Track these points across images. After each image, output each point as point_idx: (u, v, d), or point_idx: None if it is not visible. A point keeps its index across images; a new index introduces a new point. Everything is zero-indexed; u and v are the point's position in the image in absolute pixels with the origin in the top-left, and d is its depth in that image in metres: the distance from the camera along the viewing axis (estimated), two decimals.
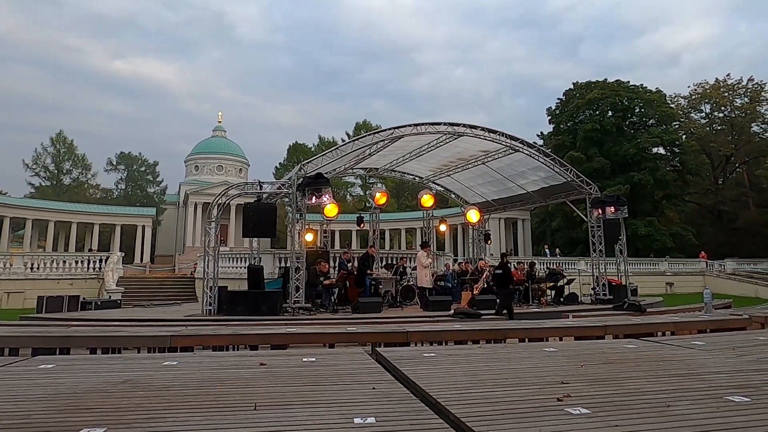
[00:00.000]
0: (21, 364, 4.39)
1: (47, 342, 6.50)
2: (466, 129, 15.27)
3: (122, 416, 2.73)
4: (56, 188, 58.03)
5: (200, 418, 2.70)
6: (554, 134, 50.61)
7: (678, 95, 54.64)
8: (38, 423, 2.62)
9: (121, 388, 3.42)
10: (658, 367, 4.20)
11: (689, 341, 5.81)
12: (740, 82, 51.33)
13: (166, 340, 6.51)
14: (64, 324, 10.39)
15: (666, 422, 2.58)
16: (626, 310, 13.68)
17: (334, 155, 14.68)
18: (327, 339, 6.93)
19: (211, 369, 4.17)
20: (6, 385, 3.53)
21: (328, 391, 3.34)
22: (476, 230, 22.22)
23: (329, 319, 11.62)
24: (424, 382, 3.54)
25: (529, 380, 3.67)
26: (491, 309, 12.60)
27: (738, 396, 3.07)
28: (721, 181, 53.51)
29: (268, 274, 16.82)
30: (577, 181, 16.87)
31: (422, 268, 14.81)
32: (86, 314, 14.01)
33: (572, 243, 42.55)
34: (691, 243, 43.24)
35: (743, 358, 4.64)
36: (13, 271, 24.24)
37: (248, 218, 12.88)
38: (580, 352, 5.05)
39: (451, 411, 2.80)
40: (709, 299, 11.30)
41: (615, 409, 2.82)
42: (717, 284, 32.12)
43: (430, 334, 7.14)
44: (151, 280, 30.21)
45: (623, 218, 16.09)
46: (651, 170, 43.48)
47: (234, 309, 12.32)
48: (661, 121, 47.30)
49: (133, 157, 67.94)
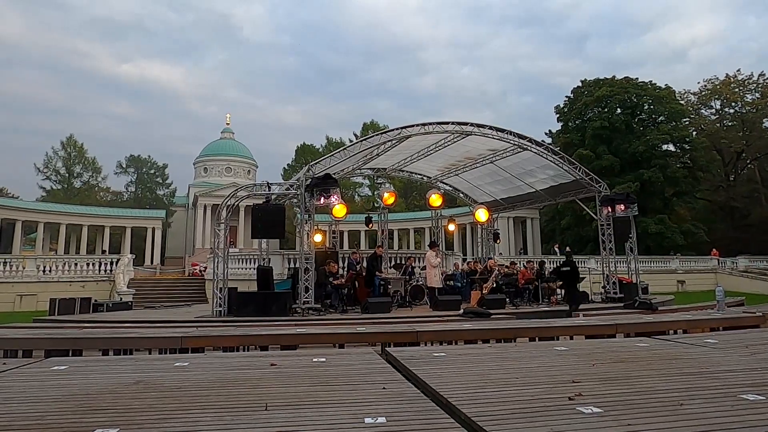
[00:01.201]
0: (34, 365, 4.44)
1: (60, 344, 6.56)
2: (474, 128, 15.22)
3: (135, 417, 2.75)
4: (67, 191, 58.49)
5: (212, 418, 2.71)
6: (563, 132, 50.29)
7: (688, 91, 54.12)
8: (52, 423, 2.65)
9: (133, 388, 3.45)
10: (671, 365, 4.16)
11: (702, 339, 5.76)
12: (751, 77, 50.73)
13: (177, 341, 6.55)
14: (77, 326, 10.49)
15: (679, 421, 2.55)
16: (637, 308, 13.56)
17: (342, 156, 14.69)
18: (337, 339, 6.93)
19: (221, 369, 4.18)
20: (20, 386, 3.57)
21: (338, 391, 3.34)
22: (485, 229, 22.15)
23: (339, 320, 11.63)
24: (435, 382, 3.53)
25: (540, 379, 3.65)
26: (501, 308, 12.56)
27: (753, 394, 3.03)
28: (733, 177, 52.87)
29: (278, 275, 16.87)
30: (586, 179, 16.76)
31: (431, 267, 14.79)
32: (98, 316, 14.14)
33: (582, 241, 42.25)
34: (702, 240, 42.79)
35: (757, 355, 4.59)
36: (25, 274, 24.54)
37: (257, 219, 12.91)
38: (591, 351, 5.01)
39: (462, 410, 2.79)
40: (721, 297, 11.15)
41: (627, 408, 2.80)
42: (729, 282, 31.81)
43: (440, 334, 7.12)
44: (161, 282, 30.38)
45: (633, 216, 15.94)
46: (661, 167, 43.08)
47: (244, 310, 12.37)
48: (671, 118, 46.83)
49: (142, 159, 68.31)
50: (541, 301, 15.65)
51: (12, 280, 24.00)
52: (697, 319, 8.70)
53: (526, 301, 15.52)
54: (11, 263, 25.01)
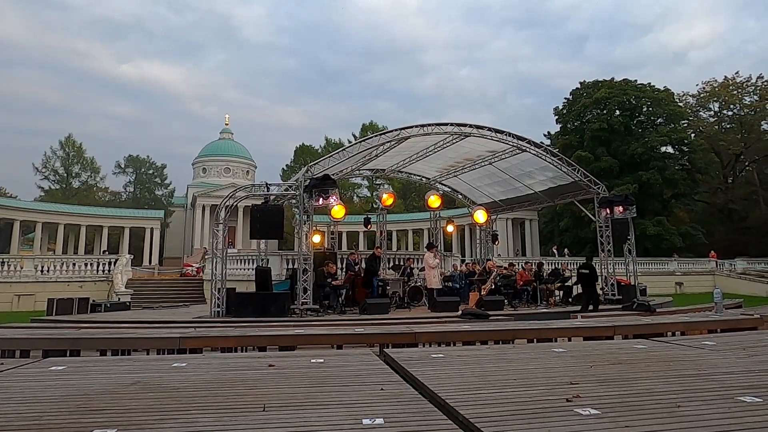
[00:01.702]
0: (32, 365, 4.43)
1: (58, 344, 6.54)
2: (473, 129, 15.24)
3: (133, 417, 2.75)
4: (66, 191, 58.47)
5: (210, 419, 2.71)
6: (561, 134, 50.40)
7: (686, 93, 54.31)
8: (50, 424, 2.64)
9: (132, 389, 3.44)
10: (669, 367, 4.16)
11: (700, 341, 5.76)
12: (749, 79, 50.92)
13: (176, 341, 6.53)
14: (75, 326, 10.47)
15: (677, 423, 2.55)
16: (635, 310, 13.57)
17: (341, 156, 14.70)
18: (335, 340, 6.93)
19: (219, 370, 4.18)
20: (18, 386, 3.56)
21: (336, 392, 3.34)
22: (483, 231, 22.17)
23: (337, 321, 11.62)
24: (433, 383, 3.53)
25: (538, 381, 3.65)
26: (499, 310, 12.55)
27: (750, 396, 3.03)
28: (731, 179, 53.01)
29: (276, 276, 16.85)
30: (584, 180, 16.78)
31: (430, 269, 14.79)
32: (96, 316, 14.13)
33: (580, 243, 42.30)
34: (700, 242, 42.88)
35: (755, 358, 4.59)
36: (23, 274, 24.50)
37: (255, 220, 12.92)
38: (589, 353, 5.01)
39: (460, 412, 2.79)
40: (719, 299, 11.15)
41: (625, 410, 2.80)
42: (727, 284, 31.85)
43: (439, 335, 7.12)
44: (159, 282, 30.33)
45: (632, 218, 15.97)
46: (659, 169, 43.19)
47: (242, 310, 12.36)
48: (670, 120, 46.95)
49: (141, 159, 68.32)
50: (539, 303, 15.66)
51: (10, 280, 23.96)
52: (695, 321, 8.70)
53: (525, 303, 15.54)
54: (9, 263, 24.97)
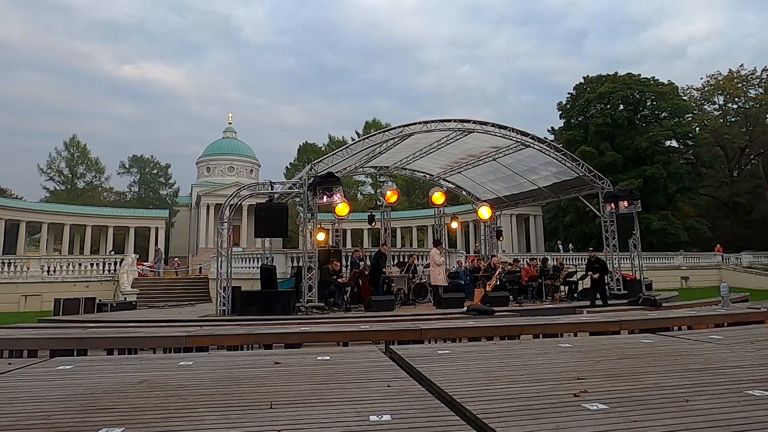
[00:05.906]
0: (39, 365, 4.45)
1: (65, 343, 6.57)
2: (476, 125, 15.18)
3: (140, 416, 2.75)
4: (71, 192, 58.77)
5: (217, 417, 2.71)
6: (565, 129, 50.20)
7: (691, 87, 53.97)
8: (58, 423, 2.65)
9: (138, 388, 3.45)
10: (676, 361, 4.15)
11: (707, 335, 5.74)
12: (754, 72, 50.50)
13: (182, 340, 6.56)
14: (81, 326, 10.51)
15: (685, 417, 2.54)
16: (641, 305, 13.51)
17: (345, 154, 14.68)
18: (341, 337, 6.93)
19: (226, 368, 4.19)
20: (25, 386, 3.58)
21: (343, 389, 3.34)
22: (488, 227, 22.11)
23: (342, 318, 11.61)
24: (439, 379, 3.52)
25: (545, 376, 3.65)
26: (504, 306, 12.52)
27: (759, 390, 3.02)
28: (736, 173, 52.66)
29: (281, 274, 16.86)
30: (589, 175, 16.71)
31: (435, 266, 14.77)
32: (102, 316, 14.17)
33: (585, 238, 42.16)
34: (706, 236, 42.67)
35: (763, 351, 4.56)
36: (30, 274, 24.64)
37: (260, 218, 12.92)
38: (595, 348, 5.00)
39: (467, 408, 2.79)
40: (725, 293, 11.08)
41: (633, 404, 2.79)
42: (733, 277, 31.66)
43: (444, 332, 7.11)
44: (165, 282, 30.46)
45: (636, 212, 15.89)
46: (664, 163, 42.96)
47: (248, 309, 12.38)
48: (674, 114, 46.65)
49: (145, 159, 68.61)
50: (544, 299, 15.62)
51: (17, 281, 24.12)
52: (702, 316, 8.67)
53: (530, 299, 15.51)
54: (16, 264, 25.14)
